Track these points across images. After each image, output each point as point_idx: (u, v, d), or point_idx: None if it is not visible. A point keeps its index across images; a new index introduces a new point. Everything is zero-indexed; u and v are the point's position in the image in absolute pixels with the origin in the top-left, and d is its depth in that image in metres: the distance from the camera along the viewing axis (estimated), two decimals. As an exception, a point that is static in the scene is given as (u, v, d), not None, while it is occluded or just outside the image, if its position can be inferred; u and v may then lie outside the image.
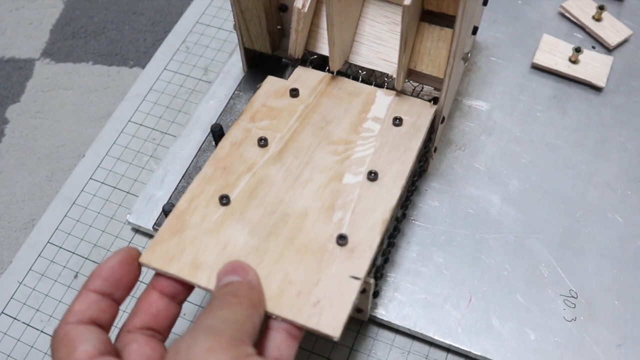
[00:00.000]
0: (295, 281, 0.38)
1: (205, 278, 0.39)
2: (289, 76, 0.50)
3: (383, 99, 0.48)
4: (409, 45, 0.45)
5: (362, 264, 0.40)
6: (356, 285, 0.39)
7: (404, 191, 0.45)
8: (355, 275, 0.39)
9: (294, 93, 0.48)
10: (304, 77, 0.50)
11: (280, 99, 0.48)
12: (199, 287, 0.39)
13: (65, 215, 0.55)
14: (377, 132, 0.46)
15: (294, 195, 0.43)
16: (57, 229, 0.55)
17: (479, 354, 0.46)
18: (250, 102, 0.48)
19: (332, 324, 0.37)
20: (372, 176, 0.43)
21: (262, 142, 0.45)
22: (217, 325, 0.33)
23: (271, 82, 0.50)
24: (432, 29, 0.46)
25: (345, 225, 0.41)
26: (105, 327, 0.36)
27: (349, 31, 0.49)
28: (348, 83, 0.49)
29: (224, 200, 0.42)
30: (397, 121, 0.47)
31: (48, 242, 0.54)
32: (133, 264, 0.38)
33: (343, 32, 0.47)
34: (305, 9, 0.47)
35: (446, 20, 0.46)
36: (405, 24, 0.42)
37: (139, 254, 0.39)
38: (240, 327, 0.33)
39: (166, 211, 0.49)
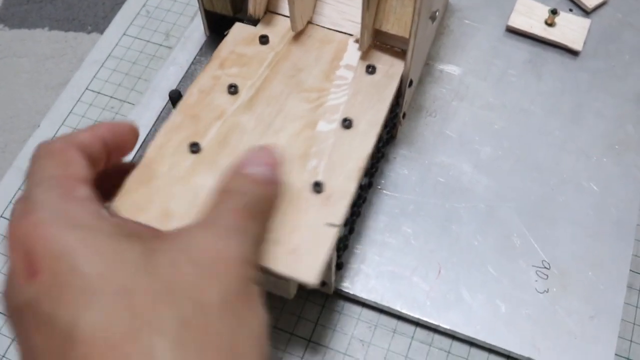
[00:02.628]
0: (272, 229, 0.37)
1: (175, 226, 0.37)
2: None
3: (355, 47, 0.46)
4: (372, 4, 0.42)
5: (338, 211, 0.39)
6: (333, 232, 0.38)
7: (378, 140, 0.43)
8: (331, 222, 0.38)
9: (264, 40, 0.46)
10: (274, 23, 0.48)
11: (249, 46, 0.46)
12: None
13: (19, 189, 0.53)
14: (350, 80, 0.45)
15: (266, 143, 0.41)
16: (10, 202, 0.52)
17: (447, 327, 0.44)
18: (217, 49, 0.46)
19: (308, 272, 0.36)
20: (347, 123, 0.42)
21: (232, 90, 0.43)
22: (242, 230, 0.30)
23: (239, 29, 0.48)
24: (397, -14, 0.43)
25: (320, 173, 0.40)
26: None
27: (311, -10, 0.46)
28: (318, 30, 0.47)
29: (194, 147, 0.41)
30: (370, 69, 0.45)
31: (1, 216, 0.52)
32: (136, 135, 0.37)
33: (304, -9, 0.45)
34: (264, -34, 0.44)
35: (412, -23, 0.43)
36: (367, -20, 0.40)
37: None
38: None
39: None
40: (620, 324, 0.45)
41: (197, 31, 0.57)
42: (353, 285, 0.46)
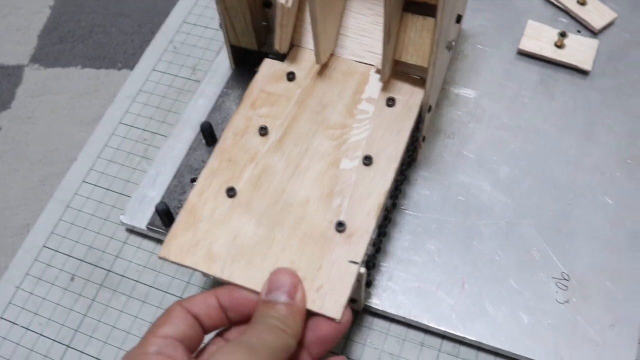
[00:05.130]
0: (300, 268, 0.41)
1: (219, 269, 0.42)
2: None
3: (376, 78, 0.49)
4: (392, 36, 0.45)
5: (359, 249, 0.42)
6: (354, 269, 0.41)
7: (397, 174, 0.46)
8: (353, 259, 0.42)
9: (291, 76, 0.50)
10: (300, 57, 0.51)
11: (277, 84, 0.50)
12: (215, 277, 0.42)
13: (60, 219, 0.56)
14: (371, 114, 0.48)
15: (295, 183, 0.45)
16: (52, 232, 0.55)
17: (473, 339, 0.46)
18: (249, 88, 0.50)
19: (334, 307, 0.40)
20: (367, 161, 0.45)
21: (263, 131, 0.47)
22: (259, 347, 0.36)
23: (268, 66, 0.51)
24: (415, 19, 0.46)
25: (344, 211, 0.44)
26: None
27: (333, 25, 0.49)
28: (342, 62, 0.50)
29: (231, 192, 0.45)
30: (390, 102, 0.48)
31: (44, 246, 0.55)
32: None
33: (327, 26, 0.47)
34: (289, 4, 0.47)
35: (429, 10, 0.46)
36: (387, 16, 0.42)
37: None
38: (279, 354, 0.37)
39: (159, 211, 0.50)
40: (640, 332, 0.47)
41: (223, 65, 0.60)
42: (381, 301, 0.48)
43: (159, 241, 0.53)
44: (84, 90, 0.65)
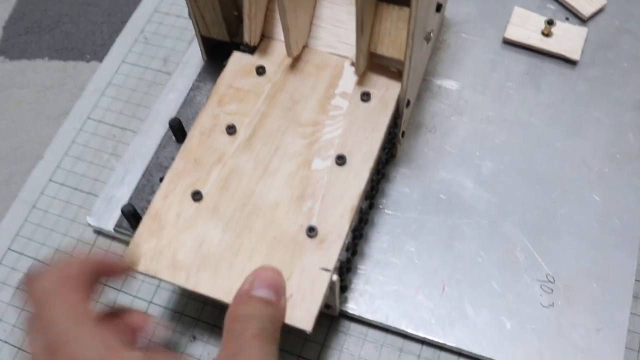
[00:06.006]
0: None
1: (183, 278, 0.40)
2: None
3: (351, 71, 0.47)
4: (366, 28, 0.42)
5: (331, 255, 0.40)
6: (326, 277, 0.39)
7: (372, 173, 0.44)
8: (325, 267, 0.39)
9: (260, 71, 0.47)
10: (270, 49, 0.48)
11: (246, 78, 0.47)
12: (179, 286, 0.40)
13: (25, 220, 0.53)
14: (345, 110, 0.45)
15: (264, 185, 0.42)
16: (17, 234, 0.53)
17: (453, 345, 0.44)
18: (216, 83, 0.47)
19: (304, 318, 0.38)
20: (340, 161, 0.43)
21: (231, 130, 0.44)
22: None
23: (237, 59, 0.48)
24: (390, 9, 0.43)
25: (315, 215, 0.41)
26: None
27: (305, 15, 0.46)
28: (316, 54, 0.48)
29: (197, 196, 0.42)
30: (365, 97, 0.45)
31: (9, 248, 0.52)
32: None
33: (298, 16, 0.45)
34: (256, -6, 0.44)
35: (405, -1, 0.43)
36: (359, 6, 0.40)
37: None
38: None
39: (125, 213, 0.47)
40: (628, 335, 0.45)
41: (195, 56, 0.57)
42: (358, 306, 0.46)
43: (128, 243, 0.51)
44: (50, 84, 0.62)
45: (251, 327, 0.35)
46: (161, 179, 0.50)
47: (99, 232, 0.52)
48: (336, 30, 0.47)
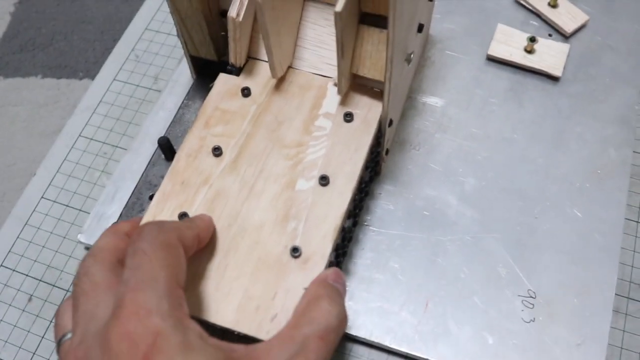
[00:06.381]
0: (254, 296, 0.40)
1: None
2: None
3: (334, 91, 0.48)
4: (347, 51, 0.43)
5: (315, 275, 0.41)
6: None
7: (355, 193, 0.45)
8: (308, 287, 0.40)
9: (246, 92, 0.48)
10: (256, 70, 0.49)
11: (232, 100, 0.48)
12: None
13: (18, 237, 0.54)
14: (329, 130, 0.46)
15: (249, 207, 0.43)
16: (9, 251, 0.54)
17: (436, 361, 0.45)
18: (203, 105, 0.48)
19: None
20: (323, 181, 0.44)
21: (217, 152, 0.45)
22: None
23: (223, 81, 0.49)
24: (371, 32, 0.44)
25: (299, 236, 0.42)
26: None
27: (289, 37, 0.47)
28: (300, 75, 0.49)
29: (183, 218, 0.43)
30: (348, 117, 0.46)
31: (1, 265, 0.53)
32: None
33: (282, 38, 0.46)
34: (240, 18, 0.45)
35: (385, 22, 0.44)
36: (339, 30, 0.41)
37: None
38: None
39: (114, 231, 0.48)
40: (608, 349, 0.46)
41: (185, 74, 0.58)
42: (343, 322, 0.47)
43: (118, 260, 0.52)
44: (44, 102, 0.63)
45: (313, 328, 0.36)
46: (151, 197, 0.51)
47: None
48: (320, 52, 0.48)
